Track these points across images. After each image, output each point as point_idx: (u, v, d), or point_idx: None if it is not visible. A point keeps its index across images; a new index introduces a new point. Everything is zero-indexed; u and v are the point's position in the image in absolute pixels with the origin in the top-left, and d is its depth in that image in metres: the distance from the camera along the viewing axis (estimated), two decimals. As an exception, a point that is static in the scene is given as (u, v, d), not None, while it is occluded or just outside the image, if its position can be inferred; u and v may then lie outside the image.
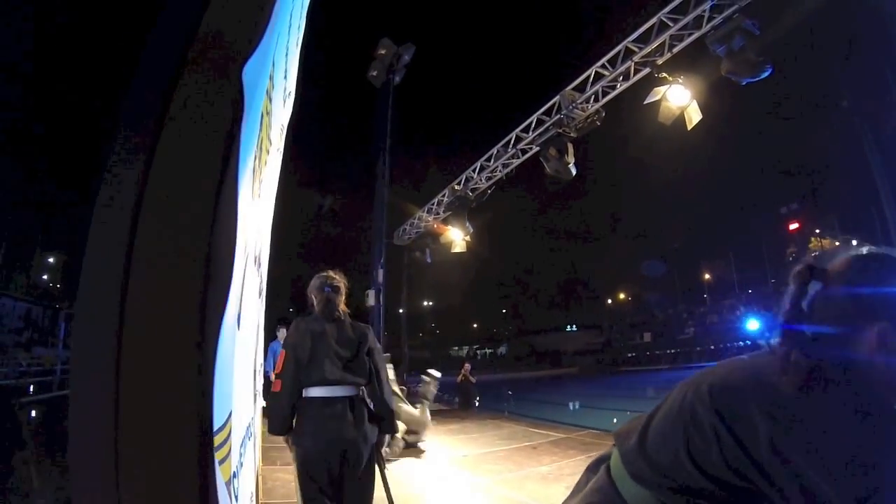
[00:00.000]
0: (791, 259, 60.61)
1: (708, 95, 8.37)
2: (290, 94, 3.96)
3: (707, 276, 66.70)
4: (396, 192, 17.05)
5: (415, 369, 20.54)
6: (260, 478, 5.32)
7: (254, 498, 3.06)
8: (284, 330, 11.38)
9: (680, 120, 8.34)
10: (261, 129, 1.86)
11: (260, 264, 2.91)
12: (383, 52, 16.66)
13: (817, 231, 59.81)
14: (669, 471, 1.07)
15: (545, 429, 9.95)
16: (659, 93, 8.15)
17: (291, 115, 5.73)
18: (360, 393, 3.17)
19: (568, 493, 5.05)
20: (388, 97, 17.30)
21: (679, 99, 8.12)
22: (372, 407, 3.22)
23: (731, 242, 62.18)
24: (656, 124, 8.60)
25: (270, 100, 2.13)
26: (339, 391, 3.07)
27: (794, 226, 62.58)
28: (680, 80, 8.06)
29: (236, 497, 1.47)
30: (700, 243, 64.09)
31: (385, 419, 3.23)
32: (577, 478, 5.26)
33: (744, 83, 7.01)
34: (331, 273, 3.45)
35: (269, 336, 11.25)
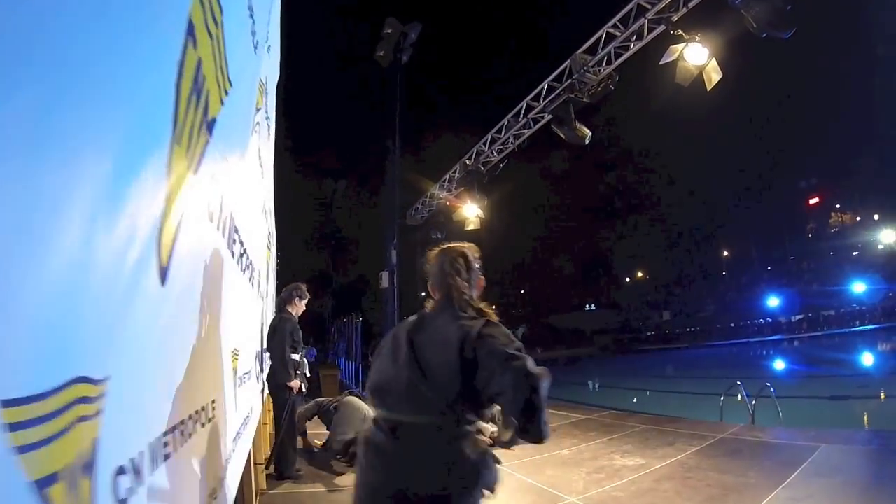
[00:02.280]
0: (810, 235, 59.56)
1: (728, 54, 7.89)
2: (269, 47, 3.61)
3: (726, 253, 65.84)
4: (408, 170, 16.68)
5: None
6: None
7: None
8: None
9: (698, 82, 7.86)
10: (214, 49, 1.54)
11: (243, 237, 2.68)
12: (389, 31, 16.27)
13: (837, 206, 58.75)
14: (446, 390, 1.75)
15: (565, 410, 9.62)
16: (675, 51, 7.64)
17: (282, 81, 5.43)
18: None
19: (588, 478, 4.69)
20: (396, 77, 16.96)
21: (697, 58, 7.61)
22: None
23: (750, 219, 61.10)
24: (673, 88, 8.13)
25: (216, 23, 1.77)
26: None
27: (814, 200, 61.45)
28: (697, 38, 7.56)
29: None
30: (718, 219, 63.04)
31: None
32: (597, 462, 4.92)
33: (763, 35, 6.54)
34: (297, 285, 5.94)
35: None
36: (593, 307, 67.10)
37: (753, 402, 8.24)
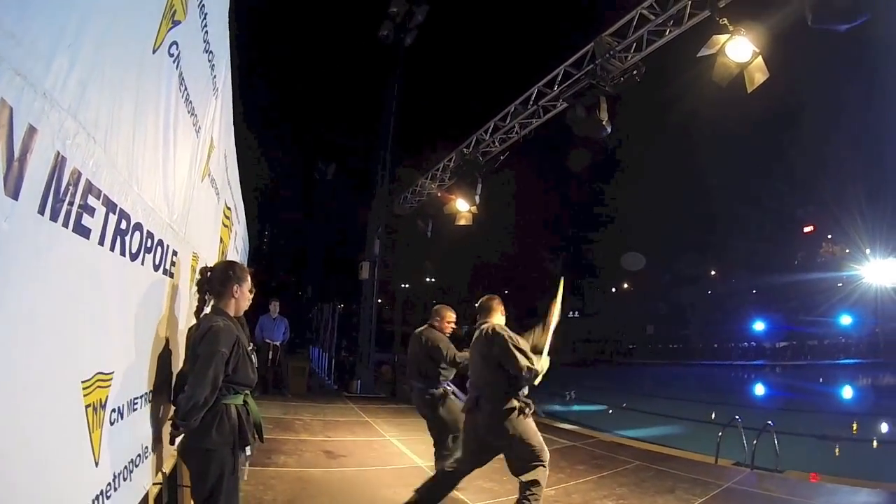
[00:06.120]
0: (797, 263, 58.90)
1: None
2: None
3: (713, 272, 65.28)
4: (401, 157, 15.81)
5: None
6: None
7: None
8: (277, 304, 10.75)
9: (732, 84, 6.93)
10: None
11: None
12: (395, 10, 15.35)
13: (829, 236, 58.12)
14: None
15: (548, 432, 8.67)
16: (717, 43, 6.68)
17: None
18: None
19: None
20: (398, 57, 16.13)
21: (740, 53, 6.68)
22: None
23: (741, 240, 60.28)
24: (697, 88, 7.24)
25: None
26: None
27: (808, 228, 60.81)
28: (742, 31, 6.61)
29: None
30: (708, 240, 62.01)
31: None
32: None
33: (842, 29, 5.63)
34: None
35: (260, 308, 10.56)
36: (577, 314, 66.02)
37: (755, 442, 7.40)
